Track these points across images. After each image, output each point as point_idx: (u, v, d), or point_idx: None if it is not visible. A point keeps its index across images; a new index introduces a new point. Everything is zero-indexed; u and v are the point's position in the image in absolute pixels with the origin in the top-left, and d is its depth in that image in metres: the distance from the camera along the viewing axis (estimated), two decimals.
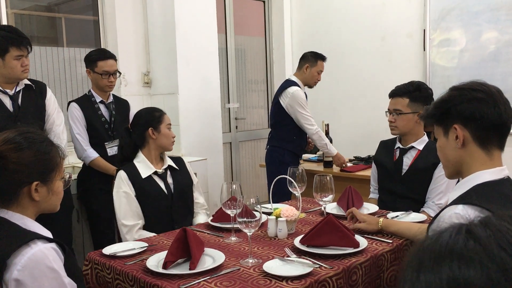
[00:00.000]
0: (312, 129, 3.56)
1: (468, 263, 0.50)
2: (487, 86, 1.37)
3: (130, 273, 1.67)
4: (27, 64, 2.57)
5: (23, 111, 2.60)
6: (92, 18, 3.88)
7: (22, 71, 2.54)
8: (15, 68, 2.52)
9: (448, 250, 0.53)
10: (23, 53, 2.53)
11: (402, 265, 0.57)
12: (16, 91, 2.61)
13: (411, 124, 2.45)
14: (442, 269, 0.51)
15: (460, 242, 0.53)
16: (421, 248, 0.56)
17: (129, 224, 2.26)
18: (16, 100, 2.59)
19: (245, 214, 1.73)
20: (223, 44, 4.60)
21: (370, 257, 1.75)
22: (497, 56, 3.64)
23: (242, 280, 1.56)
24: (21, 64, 2.53)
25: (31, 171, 1.36)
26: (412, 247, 0.58)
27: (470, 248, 0.52)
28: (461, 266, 0.50)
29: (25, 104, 2.62)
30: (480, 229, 0.54)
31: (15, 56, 2.50)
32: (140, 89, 3.93)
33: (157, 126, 2.38)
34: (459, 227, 0.55)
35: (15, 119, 2.54)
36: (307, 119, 3.54)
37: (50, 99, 2.76)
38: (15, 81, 2.59)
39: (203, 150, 3.82)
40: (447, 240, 0.54)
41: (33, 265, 1.24)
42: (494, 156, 1.39)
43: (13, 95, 2.59)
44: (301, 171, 2.35)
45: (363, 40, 4.43)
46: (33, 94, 2.68)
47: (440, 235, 0.55)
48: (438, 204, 2.35)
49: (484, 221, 0.55)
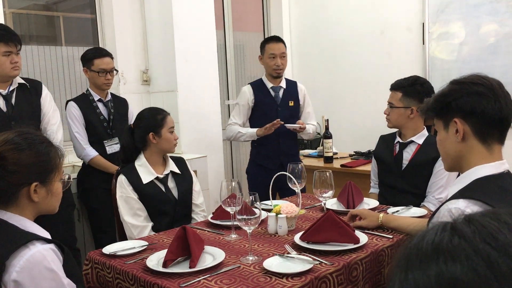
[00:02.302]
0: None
1: (455, 258, 0.51)
2: (488, 80, 1.36)
3: (130, 272, 1.67)
4: (17, 61, 2.54)
5: (18, 110, 2.57)
6: (90, 16, 3.87)
7: (11, 68, 2.52)
8: (4, 64, 2.50)
9: (434, 247, 0.53)
10: (12, 49, 2.51)
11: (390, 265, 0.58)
12: (9, 90, 2.59)
13: (403, 118, 2.45)
14: (430, 266, 0.52)
15: (446, 239, 0.53)
16: (408, 247, 0.56)
17: (141, 225, 2.26)
18: (10, 100, 2.57)
19: (244, 211, 1.73)
20: (221, 41, 4.59)
21: (371, 253, 1.74)
22: (497, 48, 3.62)
23: (243, 278, 1.55)
24: (10, 61, 2.51)
25: (30, 172, 1.36)
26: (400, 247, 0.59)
27: (456, 244, 0.52)
28: (448, 262, 0.51)
29: (19, 104, 2.59)
30: (465, 225, 0.55)
31: (3, 52, 2.49)
32: (139, 87, 3.91)
33: (158, 130, 2.35)
34: (444, 225, 0.56)
35: (9, 119, 2.52)
36: (230, 117, 3.37)
37: (46, 98, 2.73)
38: (6, 79, 2.57)
39: (203, 148, 3.81)
40: (433, 238, 0.54)
41: (31, 266, 1.24)
42: (494, 150, 1.38)
43: (6, 94, 2.57)
44: (300, 167, 2.34)
45: (362, 34, 4.41)
46: (27, 93, 2.65)
47: (426, 233, 0.56)
48: (438, 199, 2.34)
49: (468, 217, 0.56)
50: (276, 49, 3.22)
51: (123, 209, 2.27)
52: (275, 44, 3.23)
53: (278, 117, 3.15)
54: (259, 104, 3.29)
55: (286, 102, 3.31)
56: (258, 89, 3.31)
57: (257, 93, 3.29)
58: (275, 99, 3.29)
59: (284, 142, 3.29)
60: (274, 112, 3.25)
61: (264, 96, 3.29)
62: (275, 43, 3.25)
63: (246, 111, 3.32)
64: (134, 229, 2.24)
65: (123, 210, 2.27)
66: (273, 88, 3.30)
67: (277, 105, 3.28)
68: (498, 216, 0.55)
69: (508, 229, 0.53)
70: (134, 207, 2.27)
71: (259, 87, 3.32)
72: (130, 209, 2.27)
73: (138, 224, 2.26)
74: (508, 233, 0.52)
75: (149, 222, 2.30)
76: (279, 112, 3.26)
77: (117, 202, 2.30)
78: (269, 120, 3.13)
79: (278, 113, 3.25)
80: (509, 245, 0.51)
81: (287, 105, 3.30)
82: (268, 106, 3.28)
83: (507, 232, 0.52)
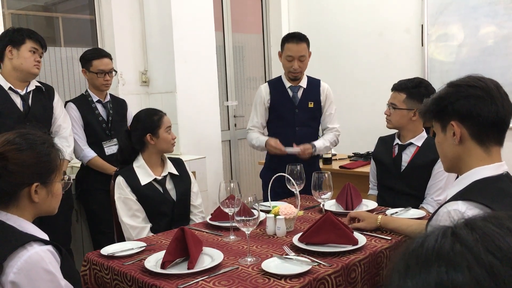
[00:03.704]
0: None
1: (456, 267, 0.49)
2: (485, 82, 1.36)
3: (128, 273, 1.67)
4: (40, 61, 2.65)
5: (33, 112, 2.63)
6: (89, 17, 3.87)
7: (34, 65, 2.61)
8: (28, 59, 2.59)
9: (435, 254, 0.52)
10: (39, 48, 2.63)
11: (388, 270, 0.56)
12: (27, 91, 2.65)
13: (405, 120, 2.44)
14: (430, 274, 0.50)
15: (447, 246, 0.52)
16: (407, 252, 0.55)
17: (139, 226, 2.25)
18: (27, 101, 2.63)
19: (243, 212, 1.73)
20: (220, 42, 4.59)
21: (369, 254, 1.74)
22: (495, 50, 3.62)
23: (241, 279, 1.55)
24: (34, 58, 2.60)
25: (31, 172, 1.36)
26: (398, 250, 0.57)
27: (457, 252, 0.51)
28: (449, 270, 0.49)
29: (34, 105, 2.65)
30: (466, 232, 0.53)
31: (30, 47, 2.59)
32: (138, 88, 3.91)
33: (155, 131, 2.35)
34: (445, 230, 0.54)
35: (24, 120, 2.56)
36: (249, 120, 3.10)
37: (58, 103, 2.80)
38: (27, 76, 2.62)
39: (202, 149, 3.81)
40: (433, 244, 0.53)
41: (29, 267, 1.24)
42: (492, 152, 1.38)
43: (24, 95, 2.62)
44: (299, 168, 2.34)
45: (360, 36, 4.42)
46: (42, 96, 2.72)
47: (426, 238, 0.55)
48: (437, 200, 2.34)
49: (470, 223, 0.54)
50: (295, 51, 2.87)
51: (121, 210, 2.27)
52: (294, 45, 2.87)
53: (294, 120, 2.93)
54: (275, 105, 2.99)
55: (305, 104, 2.97)
56: (275, 88, 3.00)
57: (274, 92, 2.99)
58: (293, 100, 2.97)
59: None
60: (291, 115, 2.96)
61: (281, 96, 2.98)
62: (295, 43, 2.87)
63: (264, 111, 3.02)
64: (133, 230, 2.24)
65: (122, 211, 2.27)
66: (291, 88, 2.98)
67: (295, 106, 2.96)
68: (500, 221, 0.54)
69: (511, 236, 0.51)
70: (132, 208, 2.27)
71: (276, 86, 3.01)
72: (128, 210, 2.27)
73: (137, 225, 2.25)
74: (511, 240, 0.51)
75: (148, 223, 2.30)
76: (296, 114, 2.96)
77: (116, 203, 2.30)
78: (286, 123, 2.94)
79: (295, 115, 2.95)
80: None
81: (306, 107, 2.97)
82: (285, 107, 2.97)
83: (510, 240, 0.51)
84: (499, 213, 0.57)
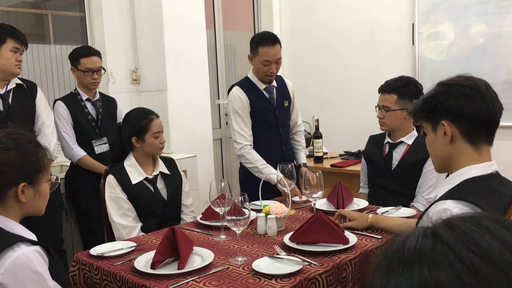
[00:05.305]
0: (237, 147, 2.75)
1: (438, 266, 0.50)
2: (474, 81, 1.36)
3: (118, 273, 1.65)
4: (21, 60, 2.59)
5: (13, 110, 2.58)
6: (79, 14, 3.83)
7: (15, 65, 2.56)
8: (10, 59, 2.54)
9: (416, 254, 0.52)
10: (20, 47, 2.57)
11: (369, 270, 0.57)
12: (6, 90, 2.60)
13: (400, 120, 2.44)
14: (413, 274, 0.51)
15: (428, 246, 0.52)
16: (389, 253, 0.55)
17: (130, 225, 2.24)
18: (7, 99, 2.58)
19: (234, 212, 1.72)
20: (212, 40, 4.57)
21: (360, 254, 1.75)
22: (486, 49, 3.64)
23: (231, 279, 1.54)
24: (16, 58, 2.55)
25: (18, 172, 1.34)
26: (379, 251, 0.57)
27: (438, 251, 0.51)
28: (432, 269, 0.50)
29: (15, 104, 2.60)
30: (446, 231, 0.54)
31: (11, 47, 2.54)
32: (129, 86, 3.88)
33: (141, 135, 2.32)
34: (425, 230, 0.55)
35: (5, 119, 2.52)
36: (235, 132, 2.75)
37: (41, 100, 2.74)
38: (7, 76, 2.58)
39: (193, 147, 3.79)
40: (414, 244, 0.53)
41: (16, 268, 1.22)
42: (482, 151, 1.39)
43: (3, 94, 2.58)
44: (290, 167, 2.33)
45: (352, 35, 4.42)
46: (23, 94, 2.66)
47: (406, 239, 0.55)
48: (427, 199, 2.35)
49: (449, 223, 0.55)
50: (272, 54, 2.67)
51: (112, 210, 2.25)
52: (271, 48, 2.67)
53: (277, 122, 2.82)
54: (255, 109, 2.79)
55: (282, 103, 2.87)
56: (250, 91, 2.79)
57: (251, 96, 2.78)
58: (271, 101, 2.84)
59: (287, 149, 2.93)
60: (272, 116, 2.83)
61: (259, 99, 2.81)
62: (271, 46, 2.67)
63: (248, 117, 2.79)
64: (123, 230, 2.23)
65: (112, 210, 2.25)
66: (266, 90, 2.83)
67: (274, 107, 2.84)
68: (478, 221, 0.55)
69: (490, 235, 0.52)
70: (123, 207, 2.25)
71: (251, 89, 2.81)
72: (119, 209, 2.25)
73: (127, 225, 2.24)
74: (490, 239, 0.52)
75: (138, 222, 2.28)
76: (277, 115, 2.84)
77: (106, 202, 2.28)
78: (270, 125, 2.81)
79: (276, 117, 2.84)
80: (492, 252, 0.50)
81: (282, 106, 2.88)
82: (266, 110, 2.82)
83: (489, 238, 0.52)
84: (478, 213, 0.58)
